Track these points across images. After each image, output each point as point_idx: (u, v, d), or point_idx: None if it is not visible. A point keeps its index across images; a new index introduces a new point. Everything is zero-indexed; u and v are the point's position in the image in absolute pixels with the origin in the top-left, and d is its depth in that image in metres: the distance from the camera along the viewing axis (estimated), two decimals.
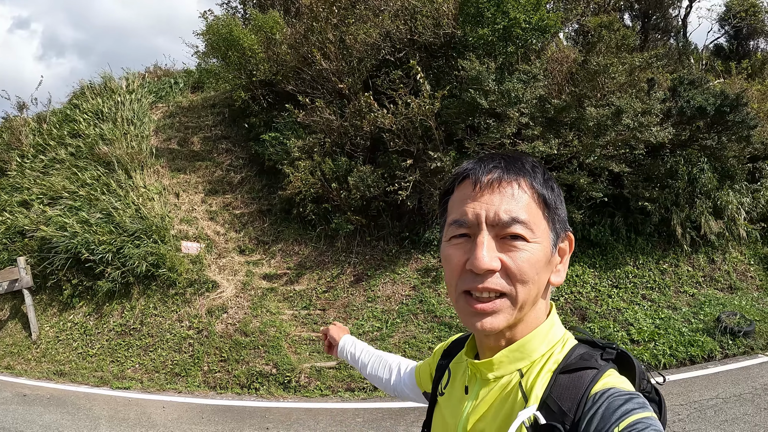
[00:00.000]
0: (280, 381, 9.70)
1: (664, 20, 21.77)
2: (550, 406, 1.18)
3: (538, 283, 1.24)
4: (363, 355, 2.24)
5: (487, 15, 11.97)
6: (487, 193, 1.23)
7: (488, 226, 1.21)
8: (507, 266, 1.20)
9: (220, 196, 14.67)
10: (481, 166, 1.27)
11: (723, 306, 11.26)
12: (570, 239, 1.35)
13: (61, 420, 8.53)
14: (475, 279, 1.20)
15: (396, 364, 2.12)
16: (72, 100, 18.59)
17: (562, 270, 1.33)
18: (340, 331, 2.42)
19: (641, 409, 1.08)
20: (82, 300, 12.29)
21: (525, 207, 1.22)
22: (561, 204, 1.32)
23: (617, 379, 1.19)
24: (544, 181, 1.28)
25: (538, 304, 1.30)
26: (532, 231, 1.22)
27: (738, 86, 14.90)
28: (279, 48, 14.45)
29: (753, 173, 14.01)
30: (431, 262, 12.26)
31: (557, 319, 1.36)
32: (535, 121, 11.68)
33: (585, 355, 1.25)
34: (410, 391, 2.01)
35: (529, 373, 1.27)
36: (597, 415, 1.10)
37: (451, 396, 1.48)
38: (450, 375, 1.54)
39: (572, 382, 1.19)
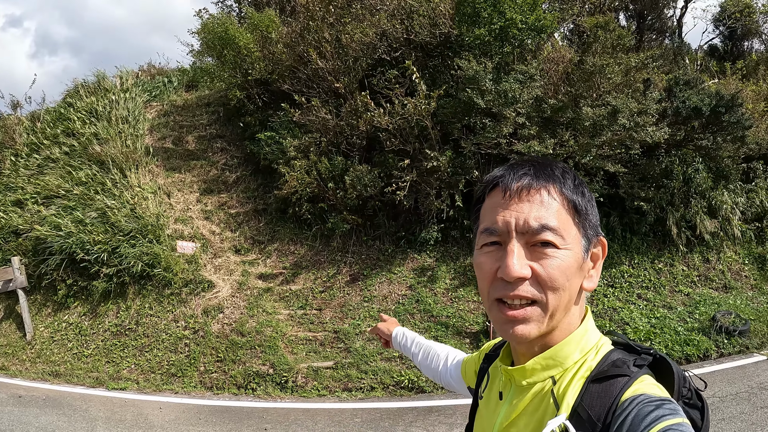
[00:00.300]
0: (277, 381, 9.69)
1: (660, 21, 21.86)
2: (580, 415, 1.17)
3: (569, 289, 1.23)
4: (414, 345, 2.28)
5: (483, 15, 11.97)
6: (516, 201, 1.23)
7: (518, 233, 1.21)
8: (537, 274, 1.19)
9: (216, 195, 14.62)
10: (511, 173, 1.27)
11: (718, 305, 11.32)
12: (603, 244, 1.33)
13: (58, 422, 8.49)
14: (507, 287, 1.20)
15: (444, 354, 2.14)
16: (66, 98, 18.48)
17: (595, 275, 1.32)
18: (390, 324, 2.48)
19: (672, 415, 1.06)
20: (77, 300, 12.22)
21: (555, 214, 1.22)
22: (592, 209, 1.31)
23: (649, 385, 1.17)
24: (574, 186, 1.28)
25: (571, 310, 1.29)
26: (563, 237, 1.21)
27: (733, 87, 14.94)
28: (275, 47, 14.42)
29: (747, 173, 14.08)
30: (427, 261, 12.26)
31: (592, 324, 1.35)
32: (531, 121, 11.69)
33: (618, 362, 1.23)
34: (455, 382, 2.03)
35: (561, 380, 1.26)
36: (626, 422, 1.09)
37: (489, 400, 1.49)
38: (488, 379, 1.55)
39: (604, 389, 1.18)
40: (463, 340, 10.28)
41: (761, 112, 14.73)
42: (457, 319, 10.80)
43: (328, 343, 10.59)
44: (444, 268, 12.04)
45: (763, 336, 10.35)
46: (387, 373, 9.53)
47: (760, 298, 12.04)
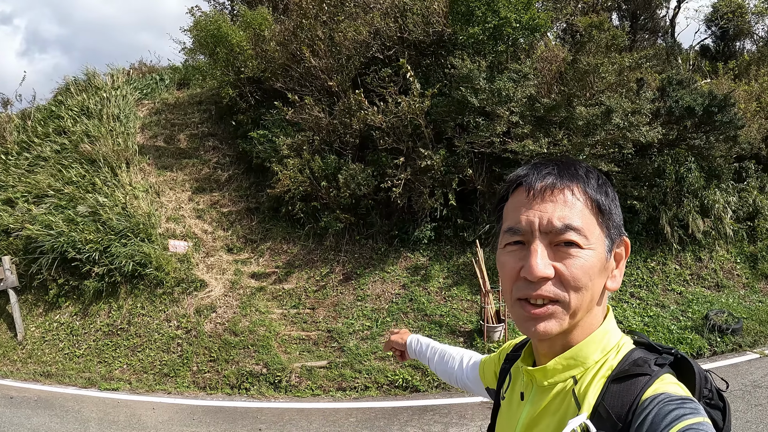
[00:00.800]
0: (271, 381, 9.64)
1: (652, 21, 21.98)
2: (601, 414, 1.16)
3: (591, 289, 1.22)
4: (429, 351, 2.27)
5: (477, 13, 11.97)
6: (540, 201, 1.23)
7: (542, 233, 1.21)
8: (561, 273, 1.19)
9: (208, 194, 14.56)
10: (535, 172, 1.27)
11: (710, 304, 11.38)
12: (626, 244, 1.33)
13: (50, 423, 8.43)
14: (530, 286, 1.20)
15: (459, 356, 2.13)
16: (57, 96, 18.37)
17: (618, 275, 1.31)
18: (402, 335, 2.45)
19: (693, 414, 1.06)
20: (68, 300, 12.14)
21: (579, 214, 1.21)
22: (616, 209, 1.30)
23: (670, 384, 1.16)
24: (597, 186, 1.27)
25: (593, 310, 1.28)
26: (586, 237, 1.20)
27: (725, 87, 15.02)
28: (267, 45, 14.37)
29: (739, 172, 14.13)
30: (420, 260, 12.25)
31: (613, 324, 1.34)
32: (524, 119, 11.70)
33: (639, 361, 1.22)
34: (472, 383, 2.02)
35: (582, 380, 1.26)
36: (647, 421, 1.08)
37: (511, 401, 1.48)
38: (510, 380, 1.54)
39: (625, 389, 1.18)
40: (457, 339, 10.27)
41: (753, 112, 14.81)
42: (450, 318, 10.79)
43: (321, 343, 10.56)
44: (437, 267, 12.03)
45: (755, 334, 10.39)
46: (381, 372, 9.51)
47: (752, 296, 12.10)
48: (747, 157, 14.30)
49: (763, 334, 10.46)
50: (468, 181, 12.20)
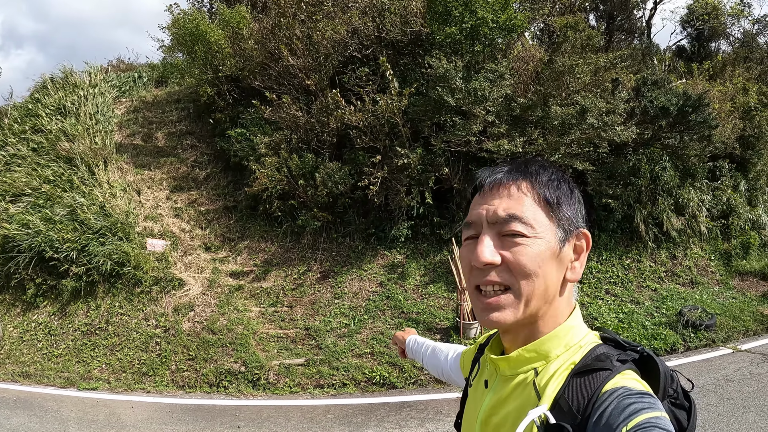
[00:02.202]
0: (249, 379, 9.63)
1: (629, 21, 22.14)
2: (561, 406, 1.19)
3: (543, 276, 1.26)
4: (422, 348, 2.35)
5: (454, 14, 12.03)
6: (489, 196, 1.32)
7: (489, 224, 1.29)
8: (507, 260, 1.25)
9: (185, 192, 14.52)
10: (488, 172, 1.37)
11: (684, 300, 11.54)
12: (586, 236, 1.36)
13: (29, 423, 8.36)
14: (480, 274, 1.28)
15: (446, 350, 2.19)
16: (33, 94, 18.20)
17: (579, 267, 1.35)
18: (406, 333, 2.55)
19: (650, 409, 1.07)
20: (46, 299, 12.02)
21: (523, 206, 1.27)
22: (569, 202, 1.34)
23: (630, 380, 1.18)
24: (548, 181, 1.32)
25: (555, 302, 1.32)
26: (532, 227, 1.26)
27: (700, 87, 15.19)
28: (246, 43, 14.36)
29: (713, 171, 14.33)
30: (397, 258, 12.30)
31: (579, 321, 1.37)
32: (500, 119, 11.79)
33: (601, 356, 1.25)
34: (455, 375, 2.07)
35: (544, 373, 1.29)
36: (605, 414, 1.10)
37: (477, 388, 1.52)
38: (479, 368, 1.58)
39: (585, 382, 1.20)
40: (434, 336, 10.32)
41: (727, 112, 15.00)
42: (427, 315, 10.85)
43: (299, 340, 10.57)
44: (414, 265, 12.09)
45: (729, 330, 10.56)
46: (359, 369, 9.54)
47: (725, 293, 12.28)
48: (721, 157, 14.50)
49: (736, 329, 10.63)
50: (444, 180, 12.27)
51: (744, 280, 13.00)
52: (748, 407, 7.50)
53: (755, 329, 10.78)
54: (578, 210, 1.37)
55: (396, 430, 7.59)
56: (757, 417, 7.18)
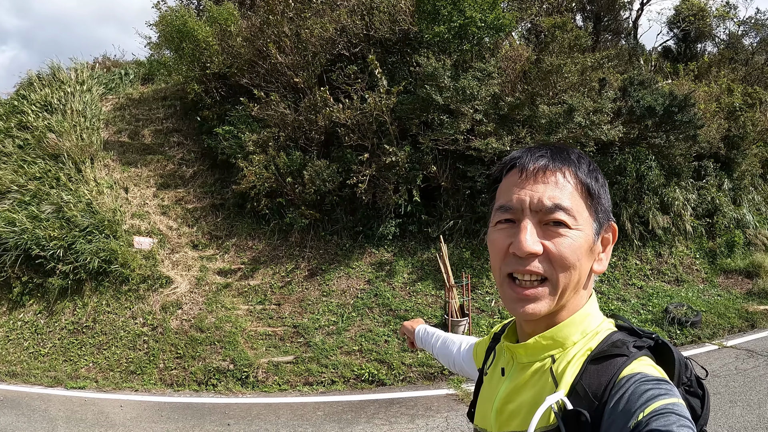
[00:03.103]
0: (238, 377, 9.62)
1: (616, 22, 22.28)
2: (578, 392, 1.20)
3: (579, 269, 1.27)
4: (433, 338, 2.35)
5: (443, 12, 12.07)
6: (532, 181, 1.28)
7: (532, 211, 1.26)
8: (549, 251, 1.24)
9: (173, 190, 14.46)
10: (529, 155, 1.32)
11: (670, 298, 11.65)
12: (614, 229, 1.38)
13: (17, 422, 8.31)
14: (518, 262, 1.25)
15: (458, 342, 2.19)
16: (19, 90, 18.06)
17: (605, 259, 1.37)
18: (414, 323, 2.53)
19: (667, 395, 1.08)
20: (32, 298, 11.91)
21: (569, 195, 1.26)
22: (605, 194, 1.36)
23: (646, 366, 1.20)
24: (588, 171, 1.32)
25: (579, 292, 1.33)
26: (575, 218, 1.25)
27: (685, 87, 15.33)
28: (233, 40, 14.32)
29: (699, 171, 14.46)
30: (385, 256, 12.32)
31: (595, 308, 1.39)
32: (488, 117, 11.83)
33: (618, 343, 1.27)
34: (468, 366, 2.08)
35: (561, 359, 1.30)
36: (623, 400, 1.11)
37: (492, 376, 1.53)
38: (494, 356, 1.59)
39: (602, 368, 1.22)
40: None
41: (713, 112, 15.14)
42: (415, 313, 10.88)
43: (287, 338, 10.57)
44: (402, 263, 12.12)
45: (714, 326, 10.69)
46: (347, 366, 9.55)
47: (711, 290, 12.42)
48: (706, 156, 14.63)
49: (722, 326, 10.76)
50: (432, 178, 12.31)
51: (729, 278, 13.13)
52: (734, 402, 7.62)
53: (740, 326, 10.91)
54: (609, 202, 1.38)
55: (386, 426, 7.62)
56: (744, 411, 7.30)
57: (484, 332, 10.13)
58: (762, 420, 7.02)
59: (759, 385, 8.15)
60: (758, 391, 7.92)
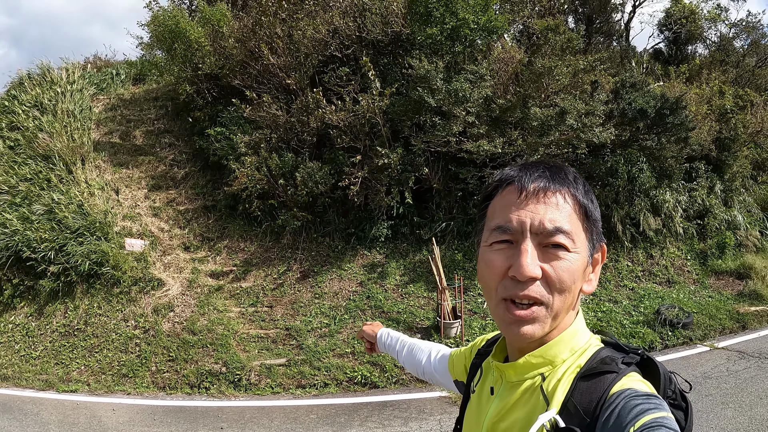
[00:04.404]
0: (231, 379, 9.58)
1: (608, 24, 22.36)
2: (570, 410, 1.20)
3: (573, 292, 1.26)
4: (398, 344, 2.30)
5: (435, 14, 12.07)
6: (533, 202, 1.25)
7: (532, 234, 1.23)
8: (548, 275, 1.22)
9: (164, 191, 14.41)
10: (527, 174, 1.29)
11: (662, 299, 11.71)
12: (603, 250, 1.37)
13: (9, 427, 8.25)
14: (517, 286, 1.23)
15: (428, 350, 2.16)
16: (10, 90, 17.97)
17: (594, 279, 1.35)
18: (374, 327, 2.47)
19: (657, 410, 1.09)
20: (23, 300, 11.83)
21: (568, 217, 1.25)
22: (599, 215, 1.34)
23: (636, 381, 1.20)
24: (585, 192, 1.31)
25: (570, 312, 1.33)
26: (573, 241, 1.24)
27: (677, 90, 15.39)
28: (226, 41, 14.29)
29: (690, 173, 14.52)
30: (377, 258, 12.32)
31: (582, 325, 1.38)
32: (480, 120, 11.84)
33: (606, 359, 1.27)
34: (440, 375, 2.05)
35: (551, 377, 1.29)
36: (613, 415, 1.12)
37: (481, 395, 1.51)
38: (481, 374, 1.57)
39: (593, 385, 1.21)
40: (414, 335, 10.30)
41: (704, 115, 15.21)
42: (407, 315, 10.88)
43: (280, 341, 10.55)
44: (394, 265, 12.12)
45: (705, 328, 10.73)
46: (340, 369, 9.54)
47: (702, 291, 12.48)
48: (697, 158, 14.69)
49: (713, 327, 10.80)
50: (424, 180, 12.31)
51: (720, 279, 13.20)
52: (726, 403, 7.66)
53: (731, 327, 10.96)
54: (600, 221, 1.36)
55: (379, 429, 7.63)
56: (735, 412, 7.34)
57: (476, 334, 10.14)
58: (753, 421, 7.06)
59: (750, 387, 8.19)
60: (750, 393, 7.96)
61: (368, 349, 2.50)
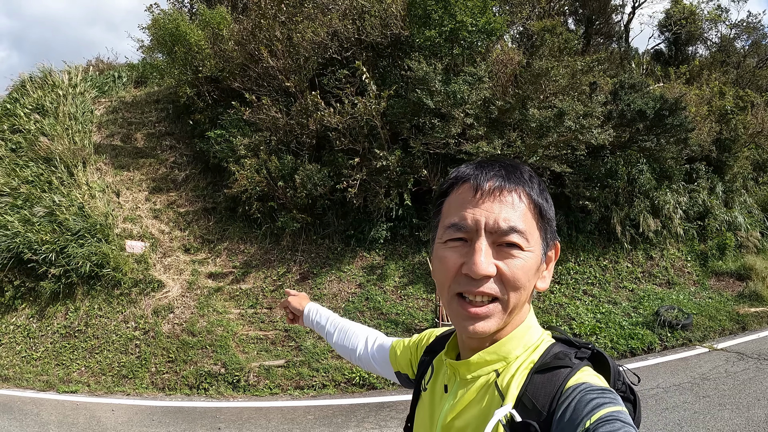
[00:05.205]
0: (229, 381, 9.63)
1: (607, 25, 22.31)
2: (525, 404, 1.21)
3: (527, 289, 1.28)
4: (329, 324, 2.25)
5: (434, 17, 12.07)
6: (488, 201, 1.26)
7: (487, 232, 1.24)
8: (502, 272, 1.23)
9: (165, 194, 14.45)
10: (482, 172, 1.30)
11: (661, 300, 11.70)
12: (557, 247, 1.38)
13: (9, 427, 8.29)
14: (471, 283, 1.24)
15: (364, 336, 2.13)
16: (12, 93, 18.01)
17: (548, 276, 1.38)
18: (301, 299, 2.42)
19: (612, 404, 1.11)
20: (24, 302, 11.88)
21: (522, 216, 1.26)
22: (553, 214, 1.36)
23: (590, 376, 1.22)
24: (540, 191, 1.32)
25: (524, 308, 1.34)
26: (527, 240, 1.25)
27: (677, 91, 15.37)
28: (226, 44, 14.32)
29: (690, 174, 14.51)
30: (376, 259, 12.34)
31: (534, 321, 1.40)
32: (479, 121, 11.85)
33: (560, 354, 1.28)
34: (379, 365, 2.03)
35: (505, 373, 1.31)
36: (570, 409, 1.13)
37: (433, 393, 1.52)
38: (433, 371, 1.58)
39: (547, 380, 1.23)
40: None
41: (704, 116, 15.20)
42: (406, 316, 10.89)
43: (279, 342, 10.57)
44: (393, 266, 12.13)
45: (705, 329, 10.73)
46: (338, 370, 9.57)
47: (702, 293, 12.47)
48: (697, 159, 14.69)
49: (713, 329, 10.81)
50: (423, 182, 12.33)
51: (720, 280, 13.20)
52: (723, 404, 7.66)
53: (731, 328, 10.98)
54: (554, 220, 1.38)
55: (376, 430, 7.65)
56: (733, 414, 7.34)
57: None
58: (750, 423, 7.05)
59: (748, 388, 8.18)
60: (747, 394, 7.96)
61: (290, 320, 2.45)
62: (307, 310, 2.36)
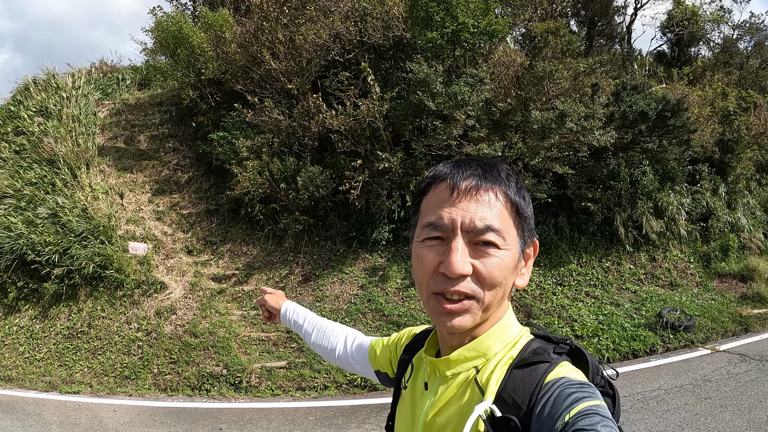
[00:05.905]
0: (231, 382, 9.64)
1: (610, 27, 22.30)
2: (505, 399, 1.23)
3: (504, 287, 1.29)
4: (306, 323, 2.25)
5: (436, 19, 12.08)
6: (464, 200, 1.27)
7: (463, 231, 1.25)
8: (478, 271, 1.24)
9: (167, 195, 14.48)
10: (459, 171, 1.31)
11: (664, 302, 11.68)
12: (535, 245, 1.40)
13: (11, 427, 8.32)
14: (447, 282, 1.25)
15: (343, 336, 2.14)
16: (16, 95, 18.07)
17: (527, 274, 1.39)
18: (278, 297, 2.41)
19: (591, 398, 1.12)
20: (27, 303, 11.92)
21: (498, 215, 1.27)
22: (531, 212, 1.37)
23: (569, 370, 1.24)
24: (517, 190, 1.33)
25: (502, 305, 1.36)
26: (504, 239, 1.26)
27: (679, 92, 15.34)
28: (228, 47, 14.35)
29: (693, 175, 14.50)
30: (378, 261, 12.34)
31: (513, 318, 1.42)
32: (481, 123, 11.86)
33: (539, 350, 1.31)
34: (359, 365, 2.05)
35: (484, 369, 1.33)
36: (549, 403, 1.15)
37: (414, 390, 1.53)
38: (413, 369, 1.59)
39: (526, 375, 1.25)
40: None
41: (707, 117, 15.18)
42: (408, 318, 10.89)
43: (281, 343, 10.58)
44: (395, 268, 12.14)
45: (708, 331, 10.73)
46: (339, 371, 9.56)
47: (705, 294, 12.45)
48: (701, 161, 14.68)
49: (715, 330, 10.80)
50: None
51: (723, 282, 13.18)
52: (725, 406, 7.66)
53: (733, 330, 10.97)
54: (533, 218, 1.39)
55: (377, 431, 7.64)
56: (734, 416, 7.33)
57: None
58: (752, 425, 7.04)
59: (750, 390, 8.18)
60: (749, 396, 7.95)
61: (266, 318, 2.44)
62: (284, 308, 2.35)
